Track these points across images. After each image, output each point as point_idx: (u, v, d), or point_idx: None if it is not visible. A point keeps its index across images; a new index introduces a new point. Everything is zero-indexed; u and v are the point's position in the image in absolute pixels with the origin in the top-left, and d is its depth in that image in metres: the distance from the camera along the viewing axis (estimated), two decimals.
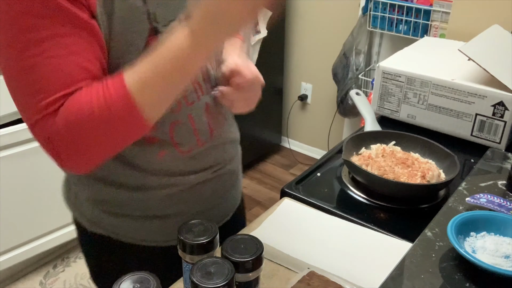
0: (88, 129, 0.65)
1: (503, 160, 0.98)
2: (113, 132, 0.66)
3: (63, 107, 0.65)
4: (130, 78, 0.64)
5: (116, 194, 0.84)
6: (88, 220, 0.89)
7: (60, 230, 2.12)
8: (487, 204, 0.81)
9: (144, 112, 0.64)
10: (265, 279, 0.81)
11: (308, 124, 3.08)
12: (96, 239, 0.89)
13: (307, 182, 1.06)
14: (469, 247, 0.72)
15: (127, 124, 0.66)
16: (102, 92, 0.64)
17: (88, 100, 0.64)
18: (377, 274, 0.75)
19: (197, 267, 0.59)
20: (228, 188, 0.96)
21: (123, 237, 0.88)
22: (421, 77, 1.21)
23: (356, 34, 2.43)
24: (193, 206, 0.89)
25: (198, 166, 0.86)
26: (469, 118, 1.16)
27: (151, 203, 0.85)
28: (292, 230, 0.92)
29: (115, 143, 0.69)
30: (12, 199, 1.90)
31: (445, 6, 2.05)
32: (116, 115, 0.64)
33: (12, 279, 2.12)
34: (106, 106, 0.63)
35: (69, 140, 0.66)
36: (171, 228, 0.83)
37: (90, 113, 0.64)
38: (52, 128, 0.66)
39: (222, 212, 0.96)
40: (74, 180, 0.89)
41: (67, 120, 0.64)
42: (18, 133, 1.82)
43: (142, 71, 0.64)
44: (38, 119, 0.67)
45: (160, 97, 0.66)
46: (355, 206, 0.99)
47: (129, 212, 0.86)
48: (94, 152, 0.68)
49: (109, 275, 0.64)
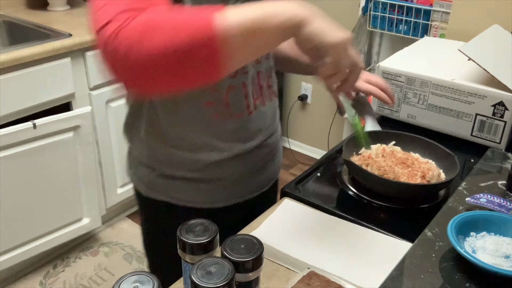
0: (160, 40, 0.63)
1: (503, 160, 0.99)
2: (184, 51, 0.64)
3: (145, 12, 0.65)
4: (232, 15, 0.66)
5: (170, 155, 0.95)
6: (145, 185, 1.01)
7: (60, 230, 2.12)
8: (487, 204, 0.81)
9: (224, 54, 0.65)
10: (265, 279, 0.81)
11: (308, 124, 3.08)
12: (151, 203, 1.02)
13: (307, 182, 1.06)
14: (469, 247, 0.72)
15: (202, 57, 0.65)
16: (194, 14, 0.65)
17: (175, 16, 0.65)
18: (377, 274, 0.75)
19: (197, 267, 0.59)
20: (267, 160, 1.06)
21: (174, 199, 0.99)
22: (421, 77, 1.21)
23: (356, 34, 2.43)
24: (234, 173, 0.99)
25: (244, 135, 0.96)
26: (469, 118, 1.16)
27: (200, 166, 0.96)
28: (292, 230, 0.92)
29: (181, 69, 0.66)
30: (12, 199, 1.90)
31: (445, 6, 2.05)
32: (196, 39, 0.64)
33: (12, 279, 2.12)
34: (192, 27, 0.64)
35: (138, 44, 0.63)
36: (215, 192, 0.99)
37: (173, 22, 0.64)
38: (128, 26, 0.64)
39: (260, 183, 1.06)
40: (136, 144, 1.00)
41: (144, 22, 0.64)
42: (18, 133, 1.82)
43: (243, 15, 0.66)
44: (118, 13, 0.65)
45: (245, 49, 0.69)
46: (355, 206, 0.99)
47: (180, 174, 0.97)
48: (156, 66, 0.65)
49: (159, 237, 0.66)
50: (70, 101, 2.06)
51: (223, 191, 1.01)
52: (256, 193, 1.06)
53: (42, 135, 1.90)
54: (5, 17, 2.27)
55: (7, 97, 1.82)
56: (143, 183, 1.02)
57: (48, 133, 1.92)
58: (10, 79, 1.81)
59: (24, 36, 2.11)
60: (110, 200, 2.35)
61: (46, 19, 2.23)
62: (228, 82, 0.90)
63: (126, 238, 2.40)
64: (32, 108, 1.92)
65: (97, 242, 2.37)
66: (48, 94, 1.95)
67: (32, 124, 1.85)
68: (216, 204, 1.01)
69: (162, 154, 0.97)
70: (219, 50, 0.65)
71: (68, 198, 2.10)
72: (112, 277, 2.16)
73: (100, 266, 2.22)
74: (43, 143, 1.91)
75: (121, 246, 2.35)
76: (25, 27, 2.17)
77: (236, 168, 0.99)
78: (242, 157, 0.99)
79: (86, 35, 2.01)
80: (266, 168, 1.06)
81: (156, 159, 0.98)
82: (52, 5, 2.38)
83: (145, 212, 1.09)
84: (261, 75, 0.98)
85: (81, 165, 2.09)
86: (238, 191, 1.03)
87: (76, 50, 1.99)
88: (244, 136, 0.97)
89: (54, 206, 2.06)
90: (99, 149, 2.19)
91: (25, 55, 1.81)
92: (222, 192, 1.00)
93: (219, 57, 0.65)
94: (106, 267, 2.21)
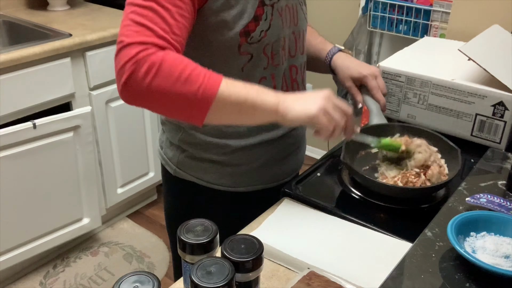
0: (167, 79, 0.77)
1: (503, 160, 0.99)
2: (177, 98, 0.79)
3: (168, 52, 0.79)
4: (224, 87, 0.80)
5: (200, 140, 1.03)
6: (174, 164, 1.08)
7: (60, 230, 2.12)
8: (487, 204, 0.81)
9: (208, 115, 0.80)
10: (265, 279, 0.81)
11: None
12: (179, 182, 1.09)
13: (307, 182, 1.06)
14: (469, 247, 0.72)
15: (191, 107, 0.79)
16: (202, 73, 0.79)
17: (192, 67, 0.79)
18: (377, 274, 0.75)
19: (197, 267, 0.59)
20: (291, 151, 1.11)
21: (201, 180, 1.06)
22: (421, 77, 1.21)
23: (356, 34, 2.43)
24: (259, 159, 1.05)
25: (269, 124, 0.98)
26: (469, 118, 1.16)
27: (228, 150, 1.03)
28: (292, 230, 0.92)
29: (170, 103, 0.80)
30: (12, 199, 1.90)
31: (445, 6, 2.05)
32: (191, 94, 0.78)
33: (12, 279, 2.12)
34: (193, 83, 0.78)
35: (149, 74, 0.77)
36: (240, 176, 1.06)
37: (180, 71, 0.78)
38: (152, 56, 0.77)
39: (282, 173, 1.11)
40: (169, 126, 1.08)
41: (165, 59, 0.78)
42: (18, 133, 1.82)
43: (234, 92, 0.81)
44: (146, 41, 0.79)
45: (227, 118, 0.85)
46: (355, 206, 0.99)
47: (208, 157, 1.04)
48: (153, 95, 0.79)
49: (182, 215, 0.75)
50: (70, 101, 2.06)
51: (247, 176, 1.06)
52: (277, 182, 1.10)
53: (42, 135, 1.90)
54: (5, 17, 2.27)
55: (7, 97, 1.82)
56: (172, 163, 1.09)
57: (48, 133, 1.92)
58: (10, 79, 1.81)
59: (24, 36, 2.11)
60: (110, 200, 2.35)
61: (46, 19, 2.23)
62: (260, 73, 0.98)
63: (126, 238, 2.40)
64: (32, 108, 1.92)
65: (97, 242, 2.37)
66: (48, 94, 1.95)
67: (32, 124, 1.85)
68: (239, 189, 1.07)
69: (193, 138, 1.03)
70: (207, 113, 0.80)
71: (68, 198, 2.10)
72: (112, 277, 2.16)
73: (100, 266, 2.22)
74: (43, 143, 1.91)
75: (121, 246, 2.35)
76: (25, 27, 2.17)
77: (261, 154, 1.05)
78: (268, 144, 1.05)
79: (86, 35, 2.01)
80: (289, 159, 1.11)
81: (186, 142, 1.05)
82: (52, 5, 2.38)
83: (171, 191, 1.15)
84: (294, 69, 1.04)
85: (81, 165, 2.09)
86: (262, 177, 1.07)
87: (76, 50, 1.99)
88: (269, 125, 1.01)
89: (54, 206, 2.06)
90: (99, 149, 2.19)
91: (25, 55, 1.82)
92: (246, 177, 1.06)
93: (207, 109, 0.80)
94: (106, 267, 2.21)
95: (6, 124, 1.84)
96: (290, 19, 0.99)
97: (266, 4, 0.93)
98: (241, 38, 0.92)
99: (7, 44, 2.18)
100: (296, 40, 1.02)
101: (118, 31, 0.82)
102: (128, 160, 2.35)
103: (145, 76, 0.77)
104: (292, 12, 1.00)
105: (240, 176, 1.06)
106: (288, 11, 0.99)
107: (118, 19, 2.24)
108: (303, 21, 1.05)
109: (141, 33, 0.78)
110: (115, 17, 2.30)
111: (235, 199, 1.09)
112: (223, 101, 0.80)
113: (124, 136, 2.27)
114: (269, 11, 0.94)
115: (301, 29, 1.04)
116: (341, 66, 1.12)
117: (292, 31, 1.01)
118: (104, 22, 2.20)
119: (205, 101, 0.79)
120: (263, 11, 0.93)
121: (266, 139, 1.04)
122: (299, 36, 1.03)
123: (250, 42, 0.93)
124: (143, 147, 2.40)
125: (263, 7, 0.93)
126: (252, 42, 0.93)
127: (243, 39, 0.93)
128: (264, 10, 0.93)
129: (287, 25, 0.99)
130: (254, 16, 0.92)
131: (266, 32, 0.94)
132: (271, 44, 0.96)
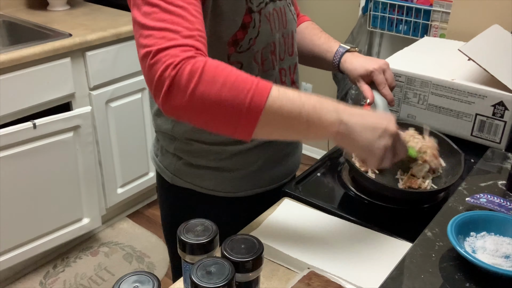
0: (210, 87, 0.71)
1: (503, 160, 0.99)
2: (224, 107, 0.72)
3: (209, 60, 0.73)
4: (275, 94, 0.72)
5: (196, 147, 1.00)
6: (171, 172, 1.06)
7: (60, 230, 2.12)
8: (487, 204, 0.81)
9: (258, 127, 0.72)
10: (265, 279, 0.81)
11: None
12: (175, 190, 1.07)
13: (307, 182, 1.06)
14: (469, 247, 0.72)
15: (238, 115, 0.71)
16: (250, 79, 0.72)
17: (238, 72, 0.73)
18: (377, 274, 0.75)
19: (197, 267, 0.59)
20: (288, 153, 1.09)
21: (198, 187, 1.04)
22: (421, 77, 1.20)
23: (356, 34, 2.43)
24: (256, 162, 1.04)
25: None
26: (469, 118, 1.16)
27: (224, 156, 1.01)
28: (292, 230, 0.92)
29: (216, 111, 0.72)
30: (12, 199, 1.90)
31: (445, 6, 2.05)
32: (239, 100, 0.71)
33: (12, 279, 2.12)
34: (241, 89, 0.71)
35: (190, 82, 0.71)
36: (238, 181, 1.04)
37: (226, 76, 0.71)
38: (192, 59, 0.71)
39: (280, 174, 1.10)
40: (163, 133, 1.04)
41: (207, 67, 0.71)
42: (18, 133, 1.82)
43: (287, 102, 0.73)
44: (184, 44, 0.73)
45: (276, 132, 0.77)
46: (355, 206, 0.99)
47: (205, 163, 1.02)
48: (194, 106, 0.72)
49: (181, 223, 0.71)
50: (70, 101, 2.06)
51: (245, 181, 1.05)
52: (275, 185, 1.09)
53: (42, 135, 1.90)
54: (5, 17, 2.27)
55: (7, 97, 1.82)
56: (168, 171, 1.07)
57: (48, 133, 1.92)
58: (10, 79, 1.81)
59: (24, 36, 2.11)
60: (110, 200, 2.35)
61: (46, 19, 2.23)
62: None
63: (126, 238, 2.40)
64: (32, 108, 1.93)
65: (97, 242, 2.37)
66: (48, 94, 1.95)
67: (32, 124, 1.85)
68: (238, 194, 1.05)
69: (189, 146, 1.01)
70: (256, 123, 0.72)
71: (68, 198, 2.10)
72: (112, 277, 2.16)
73: (100, 266, 2.22)
74: (43, 143, 1.91)
75: (121, 246, 2.35)
76: (25, 27, 2.17)
77: (257, 157, 1.03)
78: (264, 146, 1.03)
79: (86, 35, 2.01)
80: (286, 160, 1.10)
81: (183, 150, 1.03)
82: (52, 5, 2.38)
83: (168, 199, 1.13)
84: (283, 72, 1.01)
85: (81, 165, 2.09)
86: (259, 181, 1.06)
87: (76, 50, 1.99)
88: None
89: (54, 206, 2.06)
90: (99, 149, 2.19)
91: (25, 55, 1.82)
92: (244, 181, 1.05)
93: (254, 128, 0.73)
94: (106, 267, 2.21)
95: (6, 124, 1.84)
96: (278, 23, 0.97)
97: (254, 11, 0.91)
98: (229, 47, 0.90)
99: (7, 44, 2.18)
100: (285, 42, 1.00)
101: (135, 43, 0.76)
102: (128, 160, 2.35)
103: (188, 82, 0.70)
104: (280, 15, 0.97)
105: (239, 181, 1.04)
106: (276, 14, 0.96)
107: (118, 19, 2.24)
108: (292, 21, 1.02)
109: (167, 38, 0.72)
110: (115, 17, 2.30)
111: (235, 204, 1.07)
112: (273, 111, 0.72)
113: (124, 136, 2.27)
114: (257, 17, 0.91)
115: (290, 30, 1.01)
116: (350, 68, 1.09)
117: (281, 34, 0.98)
118: (104, 22, 2.20)
119: (254, 109, 0.71)
120: (251, 18, 0.90)
121: (263, 141, 1.03)
122: (288, 38, 1.01)
123: (239, 51, 0.91)
124: (143, 147, 2.40)
125: (251, 14, 0.90)
126: (241, 50, 0.91)
127: (232, 48, 0.90)
128: (252, 17, 0.90)
129: (276, 30, 0.96)
130: (242, 24, 0.89)
131: (255, 39, 0.92)
132: (260, 51, 0.93)
